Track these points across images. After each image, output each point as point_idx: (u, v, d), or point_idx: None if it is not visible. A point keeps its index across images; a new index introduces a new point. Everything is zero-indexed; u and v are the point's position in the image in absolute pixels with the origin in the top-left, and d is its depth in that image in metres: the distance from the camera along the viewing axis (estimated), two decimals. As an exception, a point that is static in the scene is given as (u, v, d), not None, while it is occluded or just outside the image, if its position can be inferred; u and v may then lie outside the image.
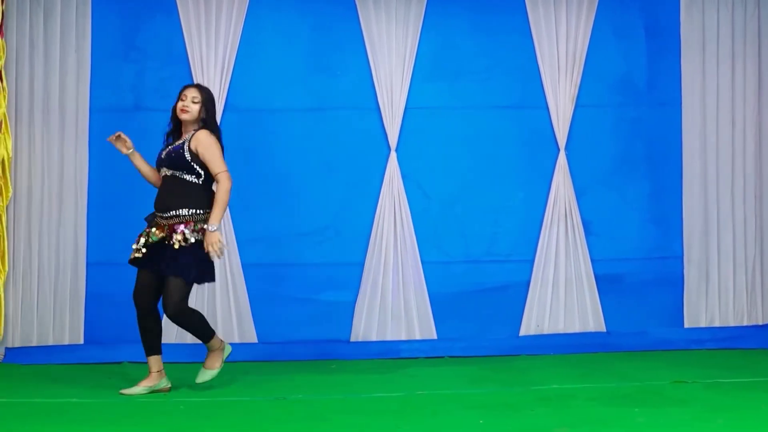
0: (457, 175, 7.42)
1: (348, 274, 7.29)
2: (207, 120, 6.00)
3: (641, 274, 7.52)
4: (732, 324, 7.59)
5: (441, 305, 7.35)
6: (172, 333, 6.84)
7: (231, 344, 6.98)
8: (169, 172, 5.95)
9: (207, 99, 6.02)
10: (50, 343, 7.11)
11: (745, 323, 7.60)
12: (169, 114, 6.10)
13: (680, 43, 7.52)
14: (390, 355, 7.17)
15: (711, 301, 7.59)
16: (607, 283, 7.48)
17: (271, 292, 7.25)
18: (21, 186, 7.09)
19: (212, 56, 7.19)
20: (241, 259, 7.22)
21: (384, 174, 7.31)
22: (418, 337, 7.30)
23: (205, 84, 7.09)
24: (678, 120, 7.54)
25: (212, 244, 5.77)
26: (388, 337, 7.29)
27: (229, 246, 7.08)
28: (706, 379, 6.21)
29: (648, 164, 7.57)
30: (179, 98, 6.04)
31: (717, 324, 7.59)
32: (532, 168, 7.48)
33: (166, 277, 5.81)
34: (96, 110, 7.16)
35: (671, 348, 7.39)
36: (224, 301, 7.21)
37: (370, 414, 5.37)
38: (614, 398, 5.67)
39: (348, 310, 7.30)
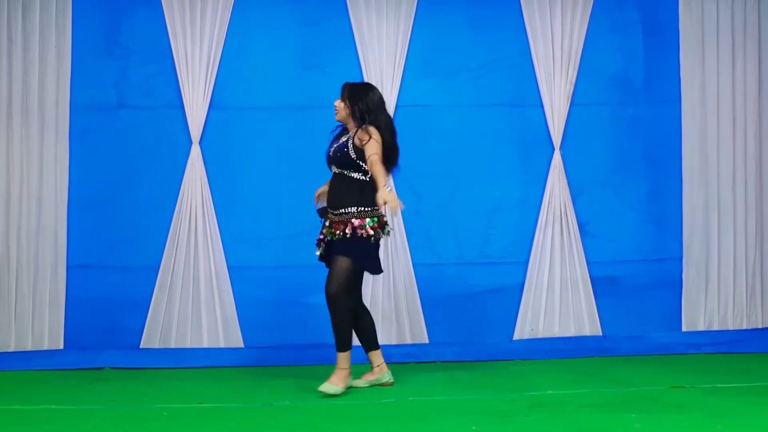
0: (449, 175, 7.36)
1: (337, 277, 7.19)
2: (360, 113, 6.01)
3: (638, 277, 7.47)
4: (731, 327, 7.54)
5: (432, 308, 7.28)
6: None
7: (216, 349, 6.89)
8: (337, 170, 6.06)
9: (349, 94, 6.04)
10: (29, 348, 7.01)
11: (744, 327, 7.56)
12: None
13: (679, 38, 7.47)
14: (380, 359, 7.07)
15: (710, 304, 7.55)
16: (603, 286, 7.43)
17: (257, 295, 7.18)
18: (-1, 186, 7.02)
19: (197, 52, 7.12)
20: (226, 261, 7.15)
21: (374, 173, 7.22)
22: (408, 341, 7.25)
23: (190, 81, 7.07)
24: (677, 118, 7.49)
25: (390, 201, 5.71)
26: (378, 341, 7.15)
27: (214, 247, 7.08)
28: (705, 384, 6.16)
29: (646, 164, 7.52)
30: None
31: (716, 327, 7.53)
32: (527, 167, 7.42)
33: (335, 258, 5.94)
34: (77, 108, 7.09)
35: (669, 352, 7.33)
36: (209, 304, 7.12)
37: (359, 421, 5.32)
38: (610, 404, 5.61)
39: (337, 314, 7.20)
